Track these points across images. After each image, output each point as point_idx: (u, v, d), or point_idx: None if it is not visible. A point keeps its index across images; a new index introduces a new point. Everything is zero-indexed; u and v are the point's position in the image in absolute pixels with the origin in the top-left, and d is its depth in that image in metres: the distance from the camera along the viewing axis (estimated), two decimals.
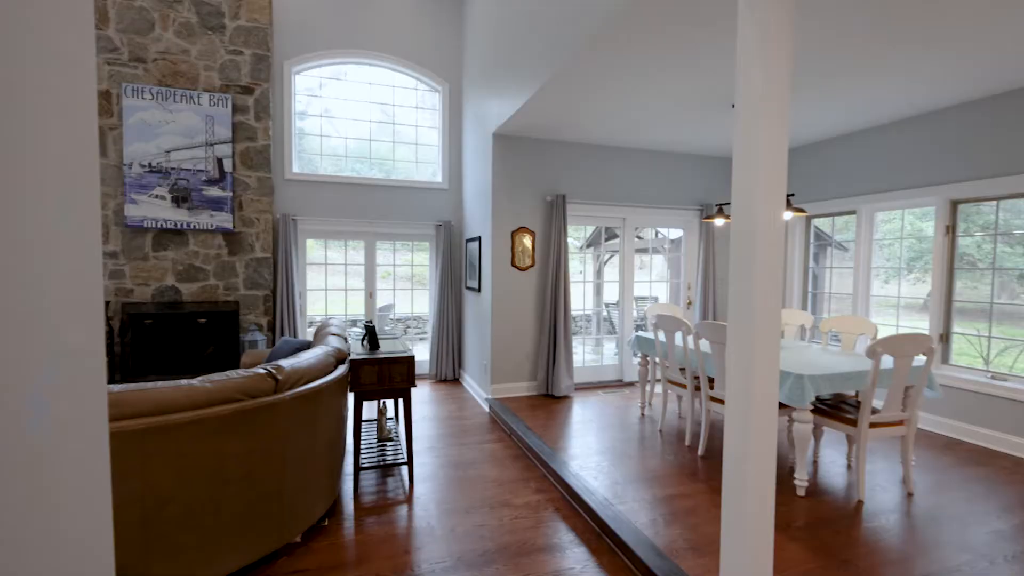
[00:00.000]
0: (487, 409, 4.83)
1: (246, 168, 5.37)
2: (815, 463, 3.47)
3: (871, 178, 4.87)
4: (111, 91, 4.98)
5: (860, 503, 2.88)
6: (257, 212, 5.42)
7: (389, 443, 3.65)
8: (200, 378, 2.05)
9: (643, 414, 4.53)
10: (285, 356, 3.65)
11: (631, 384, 5.63)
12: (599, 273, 7.04)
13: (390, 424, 3.97)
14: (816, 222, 5.68)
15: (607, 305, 7.54)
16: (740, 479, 1.71)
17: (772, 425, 1.69)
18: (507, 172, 5.03)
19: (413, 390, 5.62)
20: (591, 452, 3.61)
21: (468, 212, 5.95)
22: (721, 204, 4.33)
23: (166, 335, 5.18)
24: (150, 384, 1.93)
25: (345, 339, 3.73)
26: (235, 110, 5.29)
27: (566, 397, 5.06)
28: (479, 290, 5.41)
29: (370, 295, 6.04)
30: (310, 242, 5.92)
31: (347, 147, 6.03)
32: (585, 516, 2.78)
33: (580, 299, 5.95)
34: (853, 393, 3.58)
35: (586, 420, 4.34)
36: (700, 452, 3.58)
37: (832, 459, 3.55)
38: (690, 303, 6.00)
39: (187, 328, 5.24)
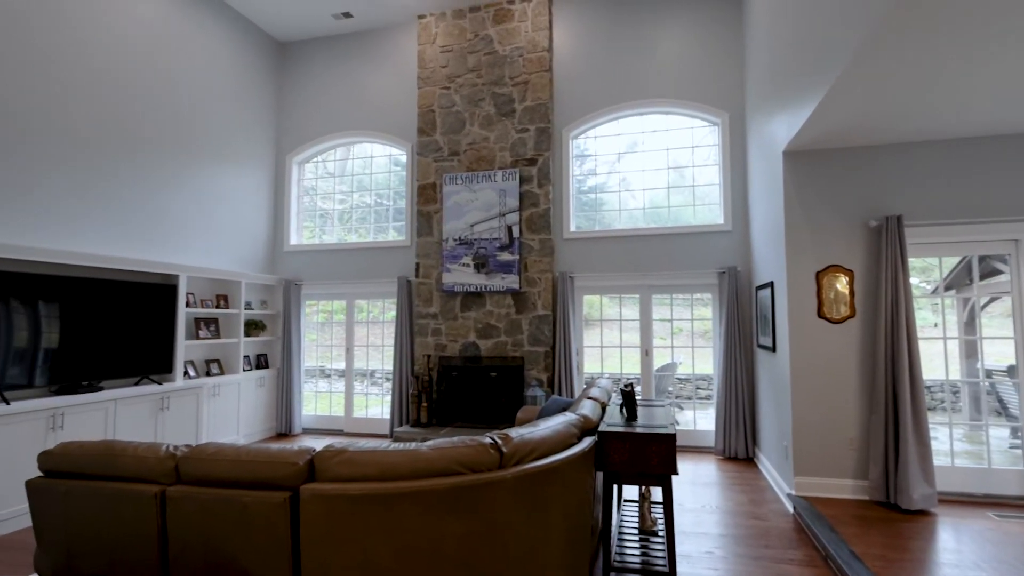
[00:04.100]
0: (790, 509, 3.67)
1: (530, 232, 5.78)
2: None
3: None
4: (436, 183, 6.14)
5: None
6: (539, 272, 5.73)
7: (654, 537, 3.06)
8: (428, 443, 2.01)
9: None
10: (552, 415, 3.55)
11: None
12: (970, 325, 4.83)
13: (656, 514, 3.36)
14: None
15: (990, 373, 5.08)
16: None
17: None
18: (804, 196, 3.96)
19: (694, 467, 4.81)
20: None
21: (757, 254, 4.97)
22: None
23: (467, 386, 5.87)
24: (384, 444, 1.97)
25: (603, 405, 3.39)
26: (521, 181, 5.82)
27: (922, 513, 3.43)
28: (773, 349, 4.33)
29: (646, 353, 5.60)
30: (586, 298, 5.93)
31: (620, 200, 5.93)
32: None
33: (937, 363, 4.13)
34: None
35: (968, 563, 2.78)
36: None
37: None
38: None
39: (482, 380, 5.82)
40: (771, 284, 4.38)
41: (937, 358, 4.21)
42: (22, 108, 4.06)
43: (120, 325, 4.58)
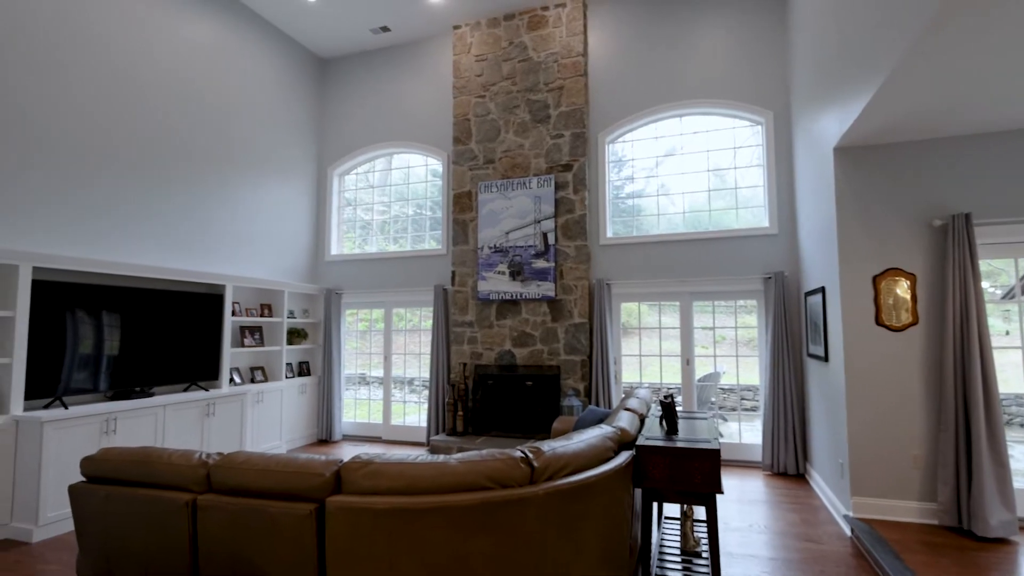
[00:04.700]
0: (847, 532, 3.40)
1: (566, 239, 5.69)
2: None
3: None
4: (472, 191, 6.14)
5: None
6: (575, 279, 5.63)
7: (698, 559, 2.89)
8: (456, 456, 1.95)
9: None
10: (589, 427, 3.44)
11: None
12: None
13: (700, 534, 3.19)
14: None
15: None
16: None
17: None
18: (858, 195, 3.71)
19: (740, 483, 4.57)
20: None
21: (806, 258, 4.70)
22: None
23: (503, 394, 5.81)
24: (413, 455, 1.93)
25: (642, 417, 3.25)
26: (557, 187, 5.75)
27: (1001, 542, 3.11)
28: (826, 358, 4.06)
29: (687, 362, 5.38)
30: (624, 305, 5.77)
31: (659, 205, 5.76)
32: None
33: (1010, 375, 3.76)
34: None
35: None
36: None
37: None
38: None
39: (518, 389, 5.74)
40: (822, 289, 4.13)
41: (1010, 369, 3.86)
42: (82, 129, 4.31)
43: (170, 333, 4.77)
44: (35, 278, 3.83)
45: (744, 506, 3.96)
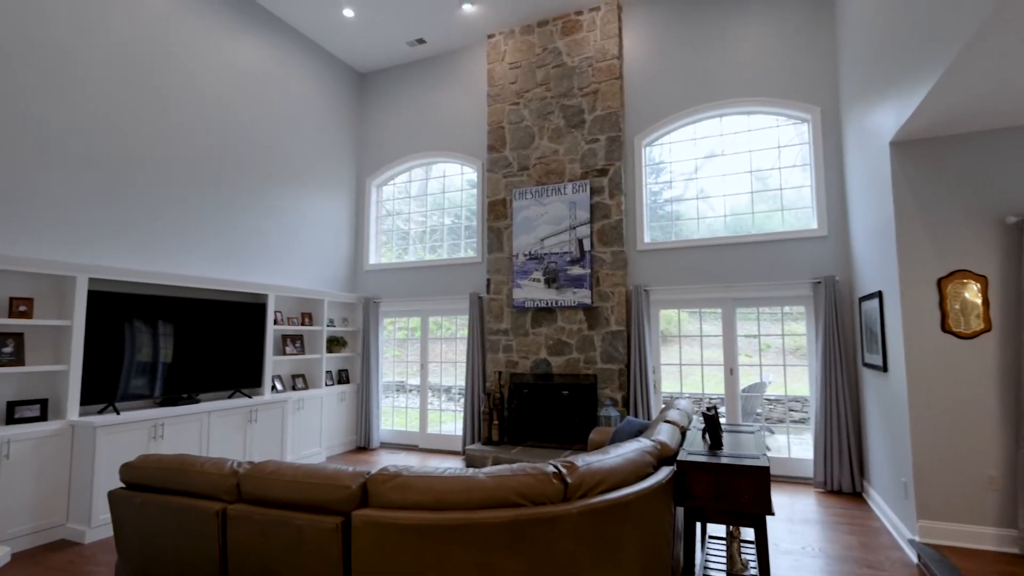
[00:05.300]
0: (912, 558, 3.12)
1: (602, 244, 5.57)
2: None
3: None
4: (507, 198, 6.11)
5: None
6: (612, 286, 5.49)
7: None
8: (486, 470, 1.89)
9: None
10: (627, 439, 3.32)
11: None
12: None
13: (748, 556, 2.99)
14: None
15: None
16: None
17: None
18: (918, 192, 3.45)
19: (791, 500, 4.30)
20: None
21: (859, 260, 4.42)
22: None
23: (538, 404, 5.71)
24: (442, 468, 1.87)
25: (683, 430, 3.10)
26: (592, 192, 5.64)
27: None
28: (884, 368, 3.77)
29: (730, 371, 5.14)
30: (663, 312, 5.59)
31: (698, 209, 5.56)
32: None
33: None
34: None
35: None
36: None
37: None
38: None
39: (554, 398, 5.64)
40: (879, 294, 3.85)
41: None
42: (132, 147, 4.52)
43: (216, 341, 4.92)
44: (91, 288, 4.02)
45: (796, 526, 3.71)
